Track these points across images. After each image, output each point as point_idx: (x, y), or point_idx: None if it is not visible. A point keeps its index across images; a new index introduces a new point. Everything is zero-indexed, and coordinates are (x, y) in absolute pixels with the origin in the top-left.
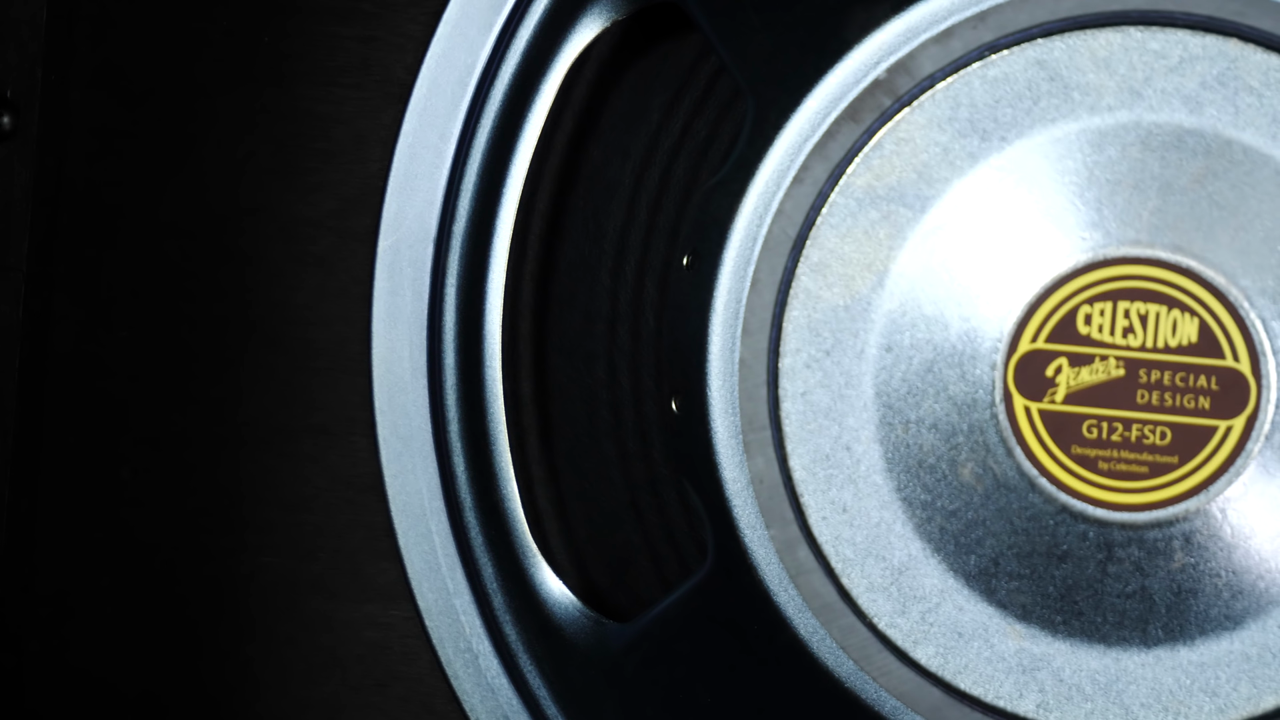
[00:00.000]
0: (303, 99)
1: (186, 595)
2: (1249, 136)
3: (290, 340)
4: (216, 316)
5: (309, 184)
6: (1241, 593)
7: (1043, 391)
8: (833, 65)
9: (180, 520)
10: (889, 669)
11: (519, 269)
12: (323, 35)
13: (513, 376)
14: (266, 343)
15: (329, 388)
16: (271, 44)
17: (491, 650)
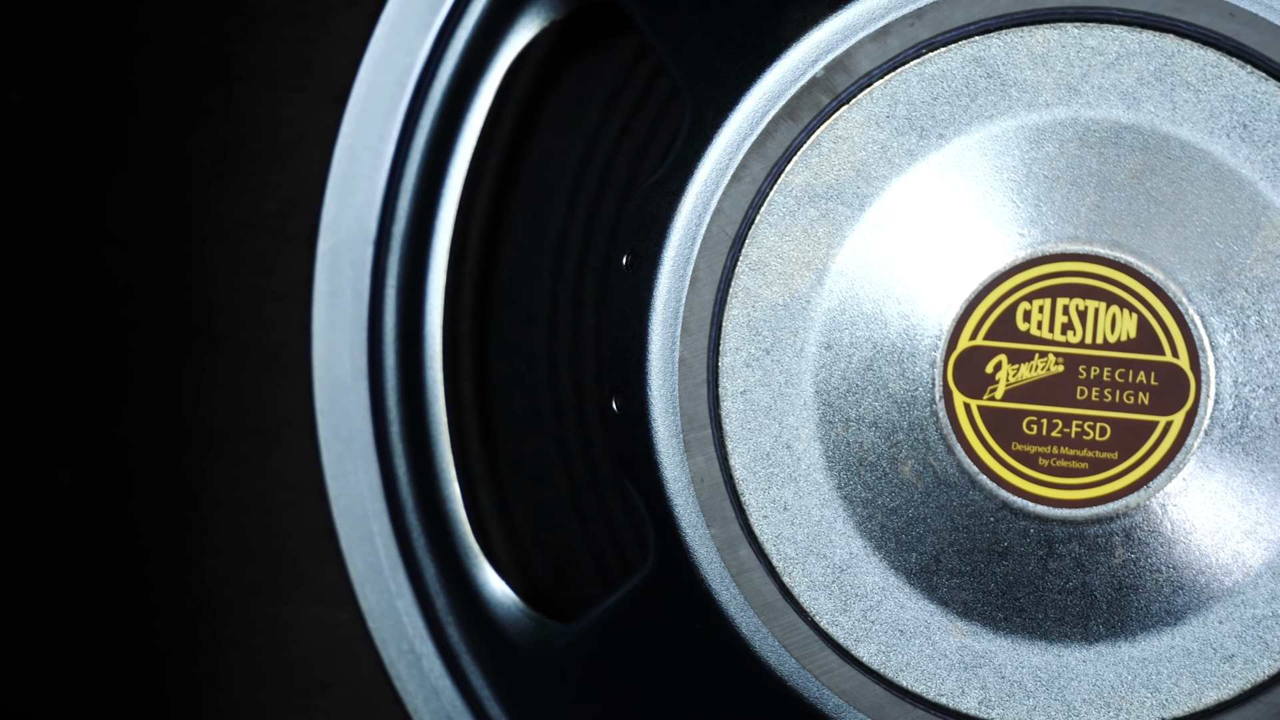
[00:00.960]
0: (241, 101)
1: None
2: (1186, 132)
3: (230, 343)
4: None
5: (248, 186)
6: (1182, 588)
7: (982, 388)
8: (770, 64)
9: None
10: (831, 667)
11: (459, 269)
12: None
13: (454, 377)
14: (207, 345)
15: (269, 390)
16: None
17: (434, 651)
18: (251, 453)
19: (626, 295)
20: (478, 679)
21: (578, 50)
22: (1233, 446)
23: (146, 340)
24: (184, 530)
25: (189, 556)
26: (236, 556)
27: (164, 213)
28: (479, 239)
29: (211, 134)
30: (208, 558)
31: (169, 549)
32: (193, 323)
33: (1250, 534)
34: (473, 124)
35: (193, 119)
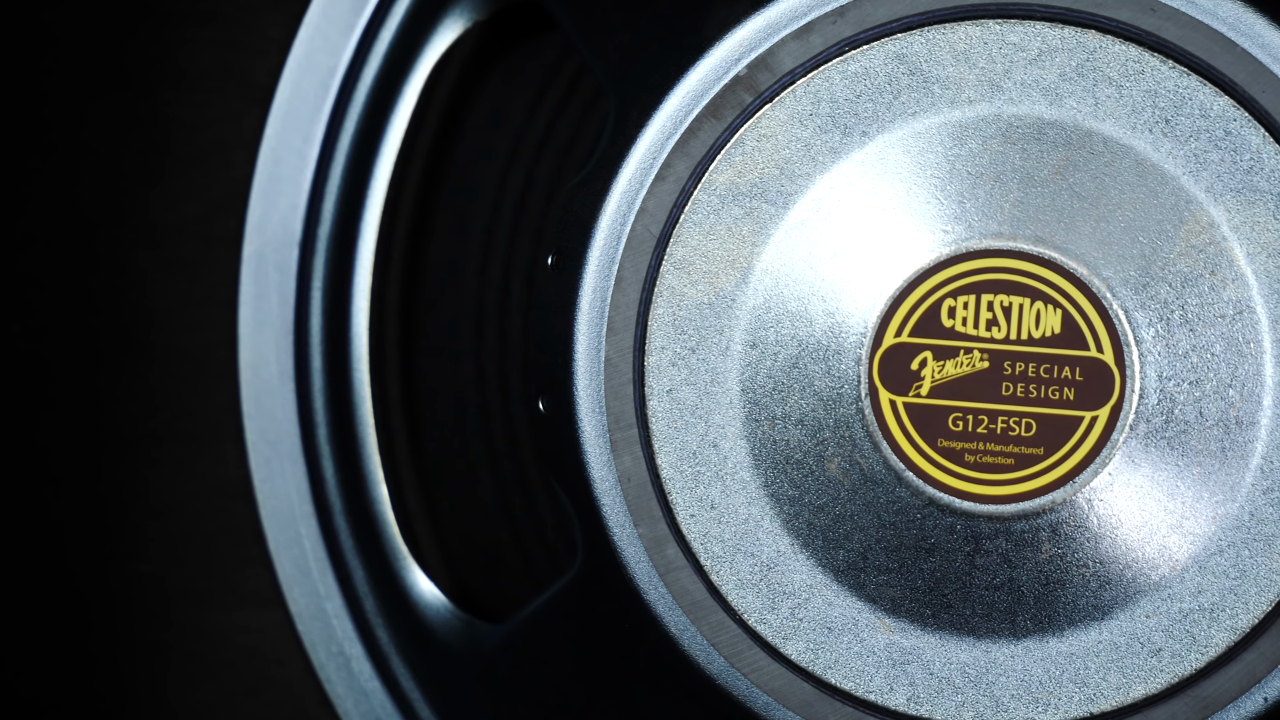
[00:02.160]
0: (165, 104)
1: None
2: (1109, 127)
3: (156, 346)
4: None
5: (173, 189)
6: (1109, 583)
7: (908, 385)
8: (694, 63)
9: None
10: (759, 665)
11: (385, 271)
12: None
13: (380, 379)
14: (132, 349)
15: (196, 393)
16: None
17: (364, 653)
18: (179, 456)
19: (552, 295)
20: (407, 680)
21: (501, 51)
22: (1158, 441)
23: (72, 345)
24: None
25: (117, 561)
26: (165, 560)
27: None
28: (404, 240)
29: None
30: (136, 562)
31: (97, 554)
32: (118, 327)
33: (1176, 528)
34: (397, 125)
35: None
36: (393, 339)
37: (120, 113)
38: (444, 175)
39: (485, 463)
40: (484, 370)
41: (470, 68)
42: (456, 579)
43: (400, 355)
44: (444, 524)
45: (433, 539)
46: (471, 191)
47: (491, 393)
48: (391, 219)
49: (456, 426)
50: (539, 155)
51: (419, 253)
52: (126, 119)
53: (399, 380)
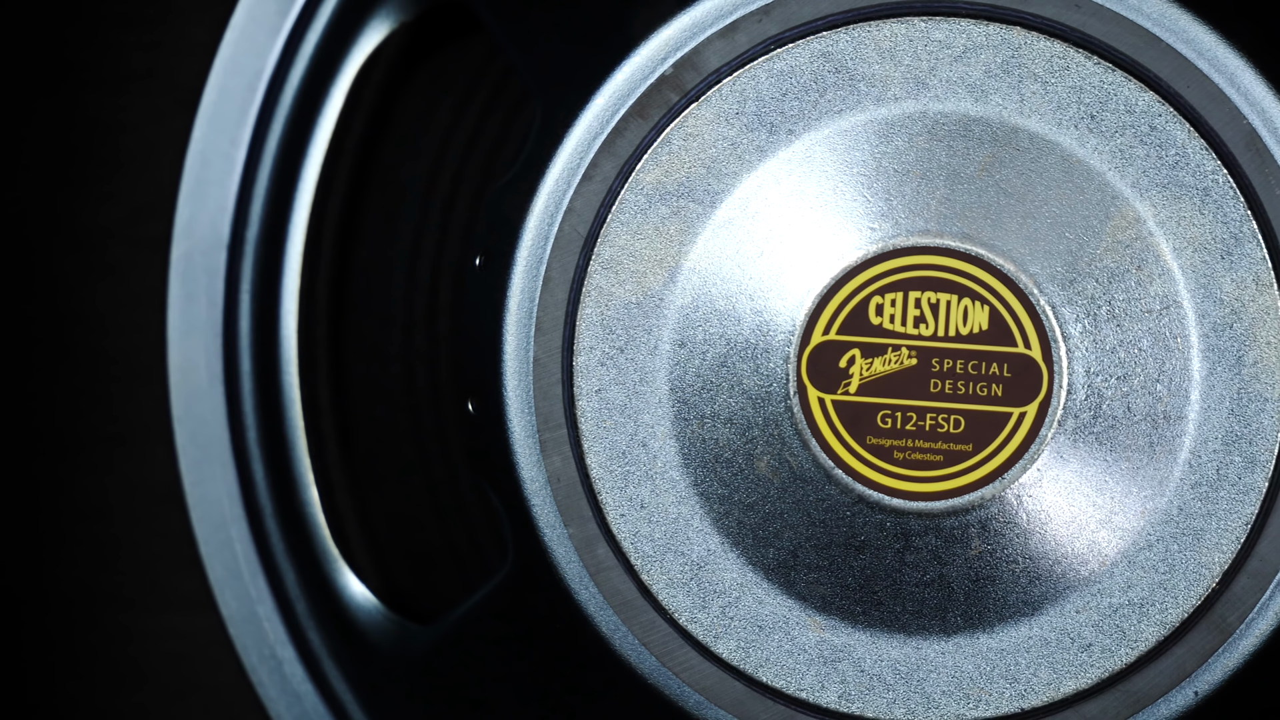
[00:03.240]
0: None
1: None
2: (1034, 124)
3: (84, 350)
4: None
5: (100, 192)
6: (1039, 578)
7: (836, 383)
8: (620, 62)
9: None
10: (691, 664)
11: (313, 274)
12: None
13: (310, 381)
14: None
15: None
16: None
17: (296, 656)
18: (109, 460)
19: (480, 296)
20: (339, 683)
21: (428, 52)
22: (1086, 436)
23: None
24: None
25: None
26: (95, 565)
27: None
28: (333, 242)
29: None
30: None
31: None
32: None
33: (1105, 523)
34: (324, 127)
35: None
36: (322, 341)
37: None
38: (371, 177)
39: (416, 464)
40: (413, 372)
41: (397, 69)
42: (388, 581)
43: (329, 357)
44: (375, 526)
45: (364, 541)
46: (399, 193)
47: (421, 394)
48: (319, 221)
49: (386, 428)
50: (466, 156)
51: (347, 255)
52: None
53: (328, 383)
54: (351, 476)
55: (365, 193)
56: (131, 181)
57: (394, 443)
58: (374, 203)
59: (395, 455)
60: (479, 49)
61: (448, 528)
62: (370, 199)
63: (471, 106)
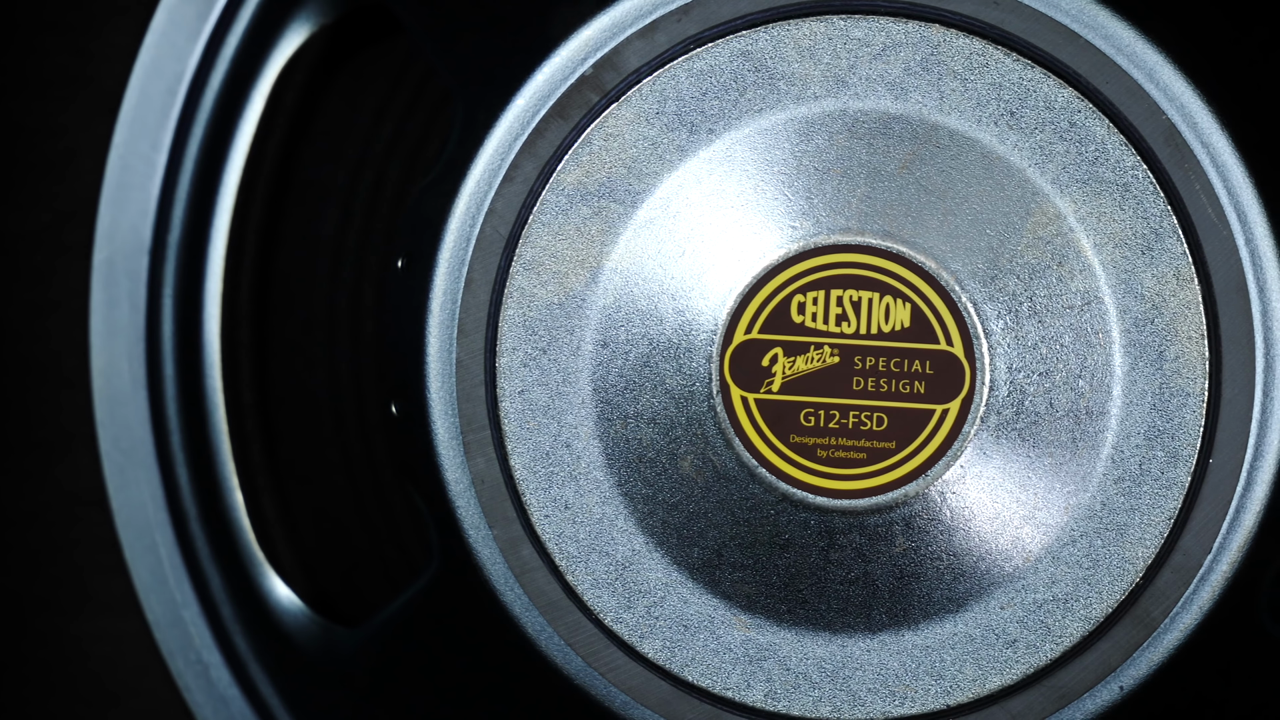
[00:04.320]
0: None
1: None
2: (954, 121)
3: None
4: None
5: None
6: (963, 575)
7: (759, 382)
8: (540, 63)
9: None
10: (616, 664)
11: (236, 277)
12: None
13: (234, 385)
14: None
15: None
16: None
17: (222, 661)
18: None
19: (403, 298)
20: (266, 687)
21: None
22: (1009, 433)
23: None
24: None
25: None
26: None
27: None
28: (255, 245)
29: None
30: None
31: None
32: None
33: (1029, 519)
34: (245, 130)
35: None
36: (245, 344)
37: None
38: (293, 180)
39: (340, 467)
40: (337, 374)
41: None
42: (314, 584)
43: (253, 361)
44: (300, 529)
45: (289, 544)
46: (321, 195)
47: (345, 397)
48: (241, 224)
49: (311, 431)
50: (388, 158)
51: (270, 257)
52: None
53: (252, 386)
54: (276, 480)
55: (287, 196)
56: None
57: (318, 446)
58: (296, 205)
59: (320, 458)
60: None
61: (373, 530)
62: (292, 202)
63: (392, 108)
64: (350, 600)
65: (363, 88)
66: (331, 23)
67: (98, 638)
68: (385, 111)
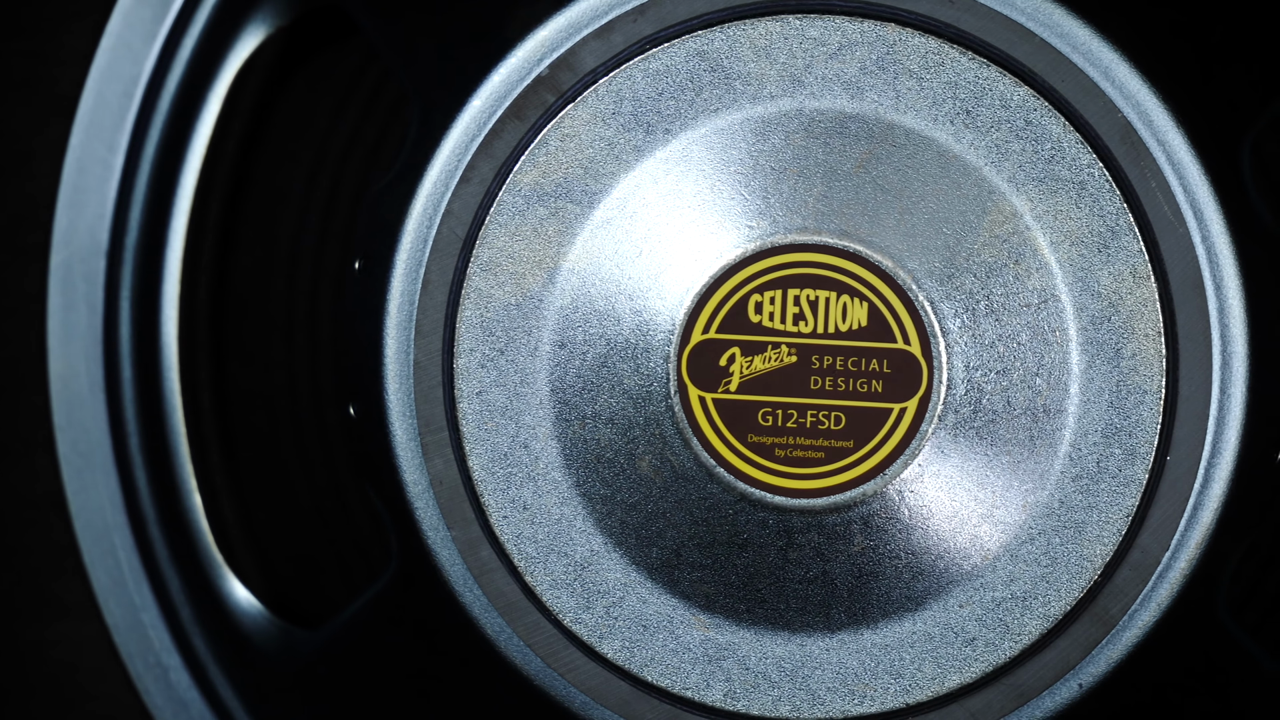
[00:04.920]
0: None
1: None
2: (910, 120)
3: None
4: None
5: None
6: (921, 573)
7: (717, 381)
8: (496, 64)
9: None
10: (576, 664)
11: (194, 279)
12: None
13: (192, 388)
14: None
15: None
16: None
17: (182, 664)
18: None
19: (360, 300)
20: (226, 690)
21: (305, 56)
22: (966, 431)
23: None
24: None
25: None
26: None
27: None
28: (212, 248)
29: None
30: None
31: None
32: None
33: (987, 517)
34: (202, 133)
35: None
36: (203, 347)
37: None
38: (250, 182)
39: (299, 469)
40: (295, 376)
41: (274, 74)
42: (273, 586)
43: (211, 363)
44: (259, 531)
45: (248, 547)
46: (278, 197)
47: (303, 399)
48: (199, 227)
49: (269, 433)
50: (345, 160)
51: (227, 260)
52: None
53: (210, 388)
54: (235, 482)
55: (244, 198)
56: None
57: (277, 447)
58: (253, 207)
59: (278, 460)
60: (356, 53)
61: (332, 532)
62: (249, 204)
63: (349, 110)
64: (309, 602)
65: (319, 90)
66: (287, 25)
67: (56, 642)
68: (342, 113)
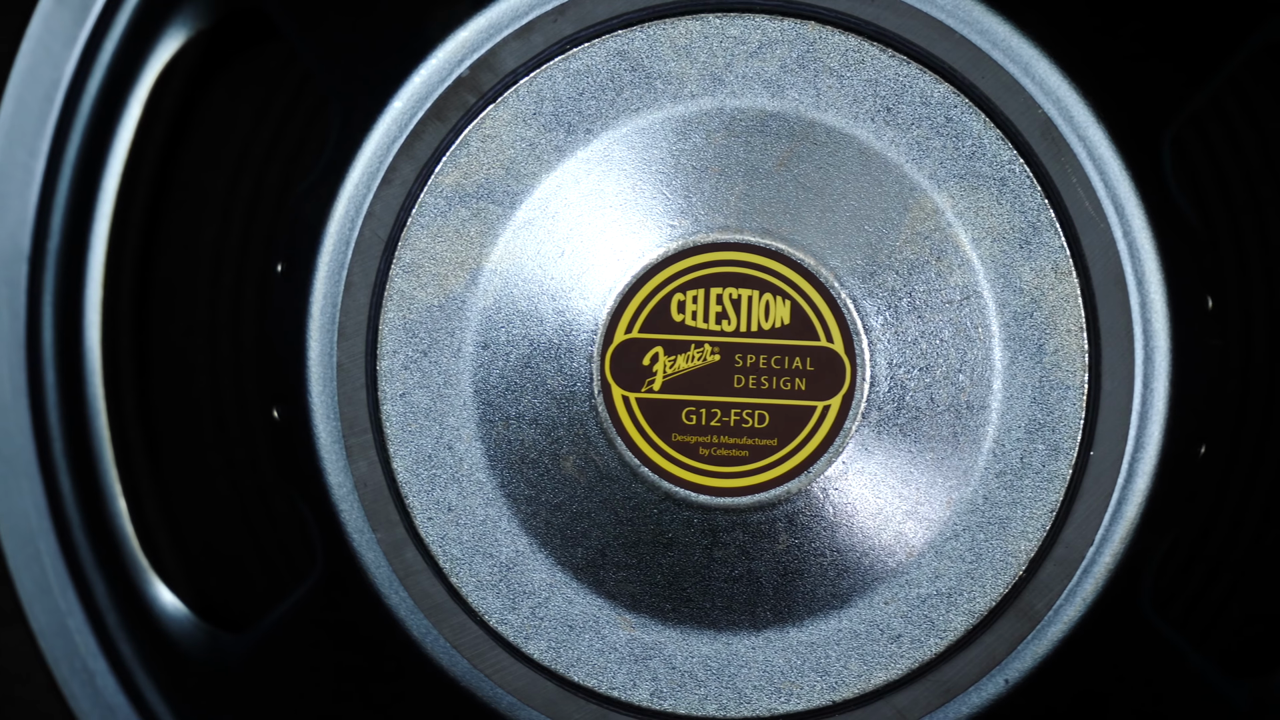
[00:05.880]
0: None
1: None
2: (831, 117)
3: None
4: None
5: None
6: (847, 571)
7: (640, 381)
8: (417, 65)
9: None
10: (502, 666)
11: (116, 283)
12: None
13: (116, 392)
14: None
15: None
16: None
17: (108, 668)
18: None
19: (283, 302)
20: (153, 694)
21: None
22: (890, 428)
23: None
24: None
25: None
26: None
27: None
28: (135, 252)
29: None
30: None
31: None
32: None
33: (911, 514)
34: (124, 137)
35: None
36: (127, 351)
37: None
38: (172, 185)
39: (224, 472)
40: (219, 380)
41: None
42: (198, 590)
43: (135, 367)
44: (185, 535)
45: (173, 551)
46: (201, 200)
47: (227, 402)
48: (121, 231)
49: (194, 437)
50: (267, 163)
51: (150, 264)
52: None
53: (134, 392)
54: (160, 486)
55: (166, 201)
56: None
57: (201, 451)
58: (175, 211)
59: (203, 464)
60: (277, 55)
61: (257, 535)
62: (171, 208)
63: (270, 113)
64: (235, 605)
65: (240, 93)
66: (208, 27)
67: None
68: (263, 116)
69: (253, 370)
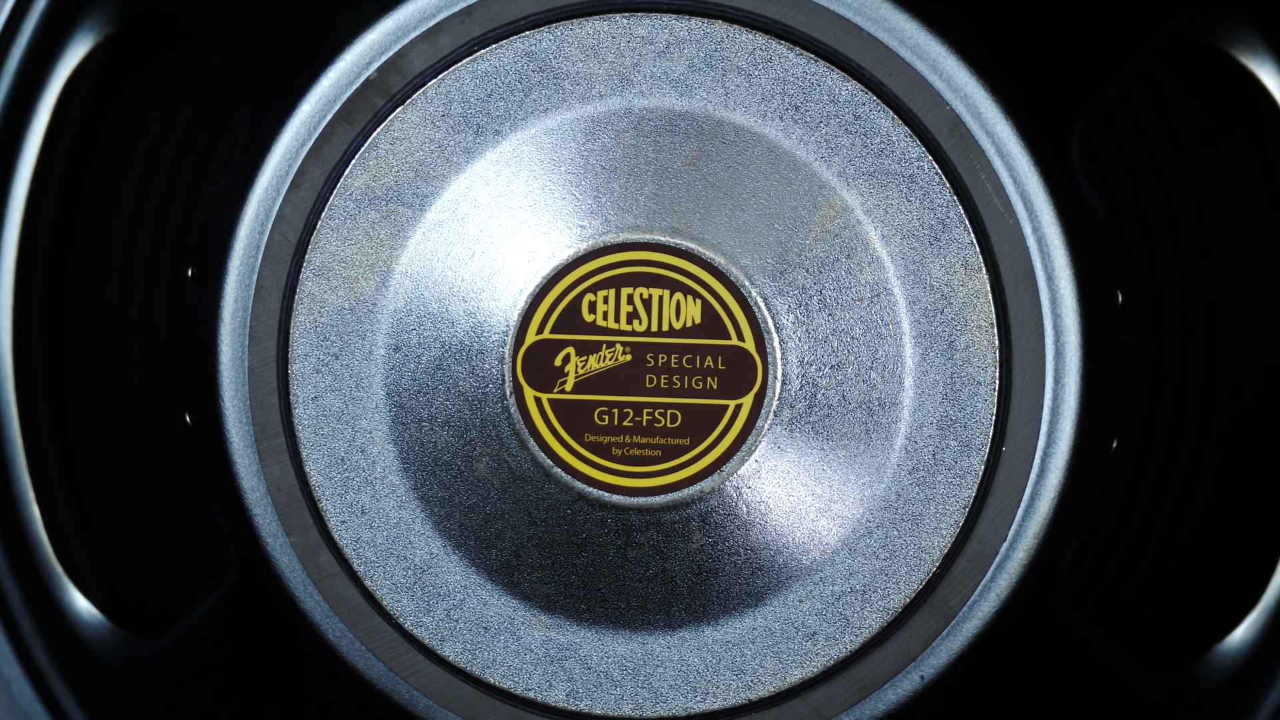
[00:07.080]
0: None
1: None
2: (739, 116)
3: None
4: None
5: None
6: (761, 569)
7: (552, 381)
8: (325, 68)
9: None
10: (418, 668)
11: (27, 289)
12: None
13: (28, 399)
14: None
15: None
16: None
17: (23, 676)
18: None
19: (194, 307)
20: (69, 701)
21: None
22: (802, 426)
23: None
24: None
25: None
26: None
27: None
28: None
29: None
30: None
31: None
32: None
33: (825, 512)
34: (32, 143)
35: None
36: (38, 357)
37: None
38: (82, 190)
39: (137, 477)
40: (131, 385)
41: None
42: (113, 596)
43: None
44: (99, 541)
45: (88, 557)
46: (111, 205)
47: (140, 407)
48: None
49: (106, 442)
50: (176, 166)
51: (61, 269)
52: None
53: (46, 398)
54: (73, 492)
55: (76, 206)
56: None
57: (115, 457)
58: (85, 216)
59: (116, 469)
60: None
61: (172, 540)
62: (81, 213)
63: (179, 117)
64: (150, 611)
65: (149, 97)
66: (116, 32)
67: None
68: (172, 120)
69: (165, 375)
